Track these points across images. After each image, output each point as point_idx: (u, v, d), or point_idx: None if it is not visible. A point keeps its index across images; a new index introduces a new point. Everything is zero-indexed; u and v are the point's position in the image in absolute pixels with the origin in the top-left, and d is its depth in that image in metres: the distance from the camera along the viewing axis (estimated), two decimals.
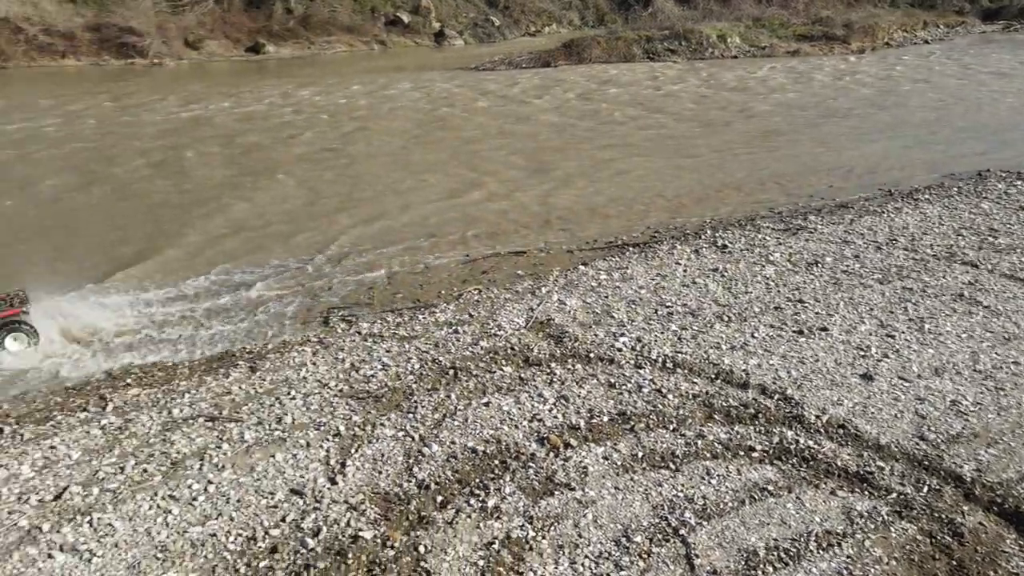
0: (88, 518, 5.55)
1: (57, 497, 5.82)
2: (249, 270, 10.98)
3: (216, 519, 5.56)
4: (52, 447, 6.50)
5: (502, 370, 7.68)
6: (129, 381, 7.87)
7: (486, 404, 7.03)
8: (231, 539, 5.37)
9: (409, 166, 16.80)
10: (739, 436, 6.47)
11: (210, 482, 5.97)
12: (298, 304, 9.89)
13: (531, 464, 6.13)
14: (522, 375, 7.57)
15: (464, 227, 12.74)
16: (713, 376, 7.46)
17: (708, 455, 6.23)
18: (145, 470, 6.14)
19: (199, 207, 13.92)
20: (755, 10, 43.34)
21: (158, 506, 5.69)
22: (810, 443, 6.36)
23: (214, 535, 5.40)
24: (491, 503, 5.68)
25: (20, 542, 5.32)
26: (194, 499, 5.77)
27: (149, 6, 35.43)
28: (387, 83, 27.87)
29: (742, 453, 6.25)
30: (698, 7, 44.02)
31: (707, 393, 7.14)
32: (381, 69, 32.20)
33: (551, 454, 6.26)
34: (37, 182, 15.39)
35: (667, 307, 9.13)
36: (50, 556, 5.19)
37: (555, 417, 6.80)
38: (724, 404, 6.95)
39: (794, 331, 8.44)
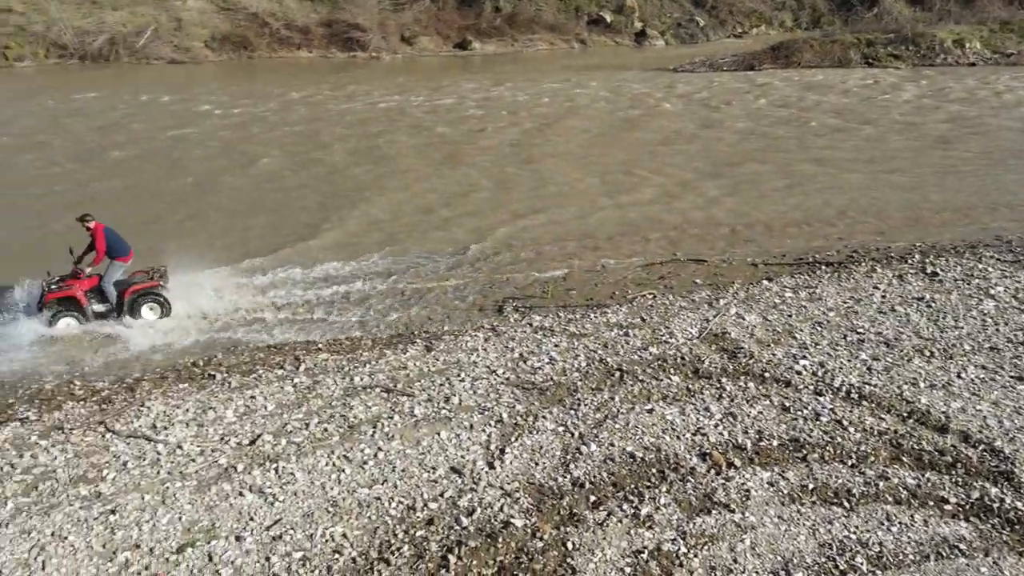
0: (275, 465, 6.15)
1: (252, 442, 6.50)
2: (428, 255, 11.56)
3: (382, 484, 5.93)
4: (252, 397, 7.28)
5: (669, 379, 7.48)
6: (320, 346, 8.63)
7: (649, 411, 6.89)
8: (393, 505, 5.70)
9: (591, 165, 16.83)
10: (930, 484, 5.81)
11: (380, 449, 6.37)
12: (474, 290, 10.27)
13: (690, 478, 5.92)
14: (690, 386, 7.32)
15: (643, 230, 12.54)
16: (905, 415, 6.75)
17: (890, 499, 5.65)
18: (326, 429, 6.69)
19: (388, 192, 14.90)
20: (1004, 12, 38.31)
21: (333, 464, 6.17)
22: (1019, 504, 5.57)
23: (379, 499, 5.76)
24: (644, 511, 5.55)
25: (218, 478, 6.01)
26: (365, 463, 6.19)
27: (374, 4, 38.42)
28: (579, 82, 28.10)
29: (932, 503, 5.61)
30: (933, 8, 39.76)
31: (896, 432, 6.48)
32: (577, 68, 32.52)
33: (712, 471, 6.00)
34: (254, 162, 17.25)
35: (858, 333, 8.40)
36: (241, 494, 5.81)
37: (720, 434, 6.50)
38: (915, 447, 6.27)
39: (1012, 376, 7.42)
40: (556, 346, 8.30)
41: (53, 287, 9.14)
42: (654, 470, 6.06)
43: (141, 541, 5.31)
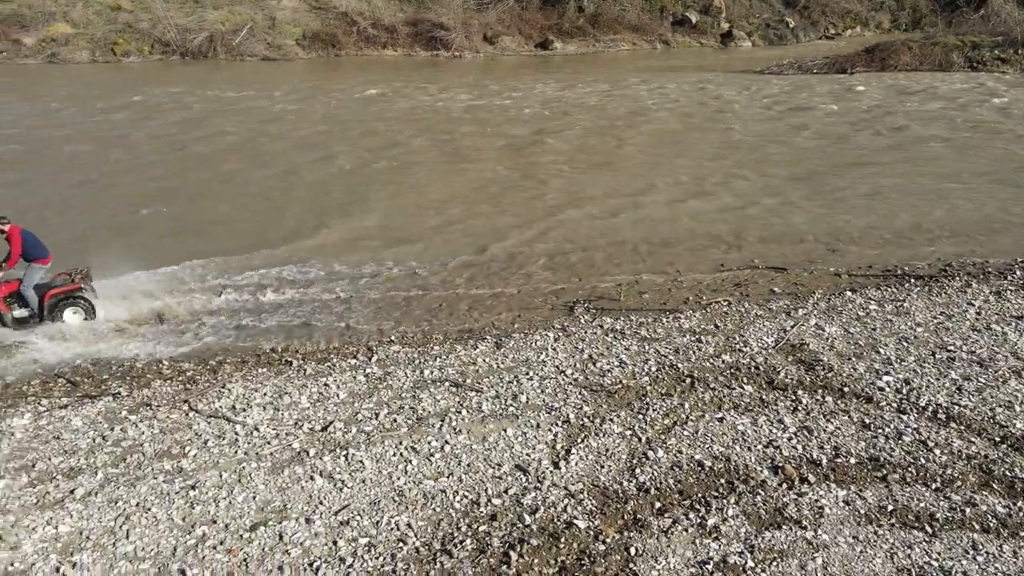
0: (345, 452, 6.31)
1: (324, 429, 6.69)
2: (498, 253, 11.57)
3: (447, 477, 6.00)
4: (326, 384, 7.49)
5: (742, 388, 7.28)
6: (392, 338, 8.81)
7: (720, 419, 6.73)
8: (458, 498, 5.76)
9: (667, 168, 16.52)
10: (1022, 513, 5.45)
11: (447, 442, 6.45)
12: (545, 290, 10.26)
13: (760, 491, 5.75)
14: (763, 397, 7.11)
15: (720, 236, 12.26)
16: (997, 439, 6.36)
17: (977, 527, 5.34)
18: (395, 420, 6.82)
19: (456, 191, 15.03)
20: None
21: (401, 455, 6.29)
22: None
23: (444, 492, 5.83)
24: (711, 522, 5.42)
25: (291, 461, 6.21)
26: (431, 455, 6.28)
27: (459, 4, 38.90)
28: (658, 83, 27.67)
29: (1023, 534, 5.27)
30: None
31: (986, 457, 6.11)
32: (658, 69, 32.05)
33: (784, 485, 5.81)
34: (329, 157, 17.71)
35: (948, 351, 7.96)
36: (311, 478, 5.98)
37: (794, 447, 6.29)
38: (1007, 473, 5.89)
39: None
40: (626, 349, 8.21)
41: None
42: (723, 480, 5.91)
43: (217, 517, 5.54)
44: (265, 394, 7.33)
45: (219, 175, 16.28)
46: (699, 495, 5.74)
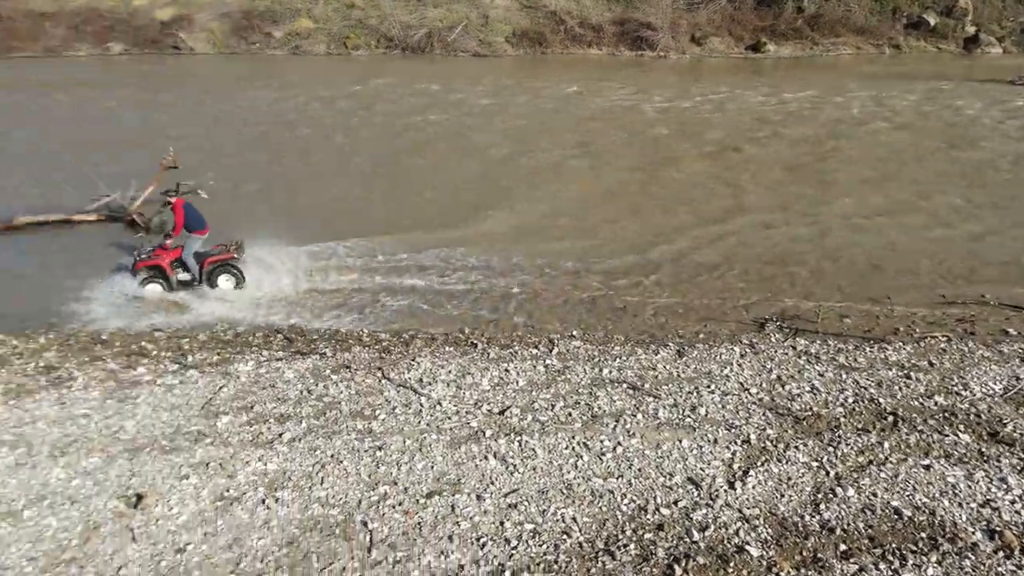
0: (519, 438, 6.45)
1: (501, 412, 6.88)
2: (691, 262, 11.21)
3: (616, 479, 5.93)
4: (506, 370, 7.71)
5: (957, 436, 6.49)
6: (574, 333, 8.86)
7: (926, 467, 6.05)
8: (625, 501, 5.68)
9: (887, 185, 15.05)
10: None
11: (619, 444, 6.38)
12: (736, 303, 9.79)
13: (969, 554, 5.10)
14: (983, 449, 6.29)
15: (944, 264, 10.98)
16: None
17: None
18: (570, 414, 6.86)
19: (657, 195, 14.72)
20: None
21: (572, 449, 6.32)
22: None
23: (611, 492, 5.78)
24: None
25: (468, 438, 6.46)
26: (603, 454, 6.25)
27: (668, 3, 38.18)
28: (882, 90, 25.29)
29: None
30: None
31: None
32: (884, 75, 29.39)
33: (1000, 553, 5.11)
34: (530, 151, 18.04)
35: None
36: (485, 458, 6.18)
37: (1017, 512, 5.50)
38: None
39: None
40: (820, 375, 7.64)
41: (143, 256, 10.05)
42: (923, 534, 5.32)
43: (398, 480, 5.90)
44: (450, 372, 7.68)
45: (424, 163, 17.27)
46: (893, 546, 5.22)
